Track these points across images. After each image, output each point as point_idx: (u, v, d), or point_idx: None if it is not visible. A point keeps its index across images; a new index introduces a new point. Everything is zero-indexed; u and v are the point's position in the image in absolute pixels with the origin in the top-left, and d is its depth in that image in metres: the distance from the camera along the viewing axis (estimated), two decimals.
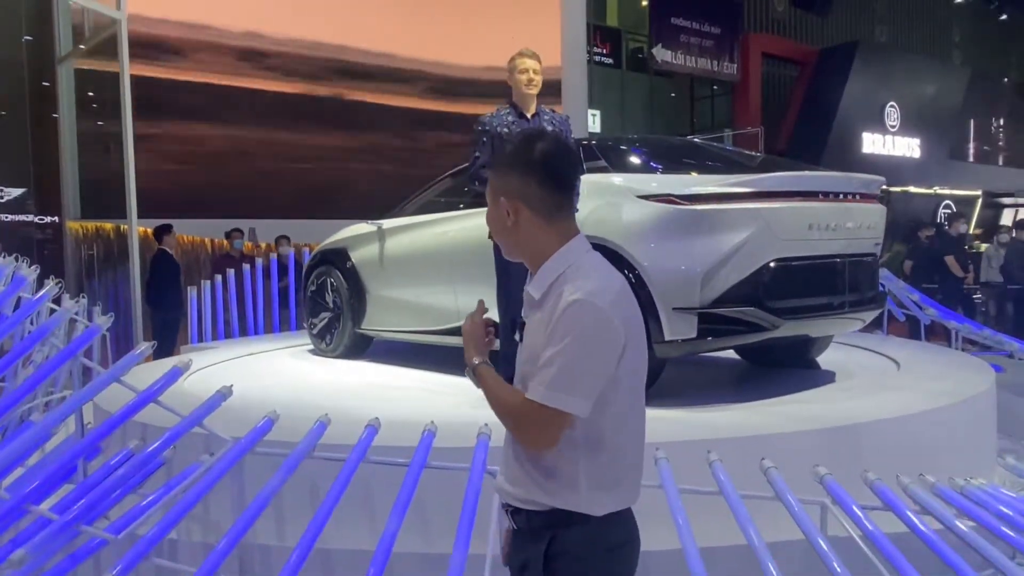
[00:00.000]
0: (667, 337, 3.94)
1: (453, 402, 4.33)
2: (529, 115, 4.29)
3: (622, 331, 1.58)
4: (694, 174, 4.30)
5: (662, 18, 16.68)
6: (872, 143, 19.07)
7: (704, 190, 4.03)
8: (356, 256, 6.05)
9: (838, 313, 4.35)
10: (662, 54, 16.63)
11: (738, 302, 3.95)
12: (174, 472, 3.27)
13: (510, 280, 4.23)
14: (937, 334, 8.42)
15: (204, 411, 3.06)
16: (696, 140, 5.86)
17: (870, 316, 4.68)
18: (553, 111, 4.41)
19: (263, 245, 9.45)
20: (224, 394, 3.15)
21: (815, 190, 4.25)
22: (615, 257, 4.11)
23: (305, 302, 6.55)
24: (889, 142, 19.49)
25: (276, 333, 8.05)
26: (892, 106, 19.44)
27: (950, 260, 10.04)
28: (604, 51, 17.06)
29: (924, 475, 3.10)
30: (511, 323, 4.31)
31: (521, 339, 1.70)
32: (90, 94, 9.39)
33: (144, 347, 3.21)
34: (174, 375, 3.14)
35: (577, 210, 4.30)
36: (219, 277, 7.77)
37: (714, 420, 3.69)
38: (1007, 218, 21.11)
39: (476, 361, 1.73)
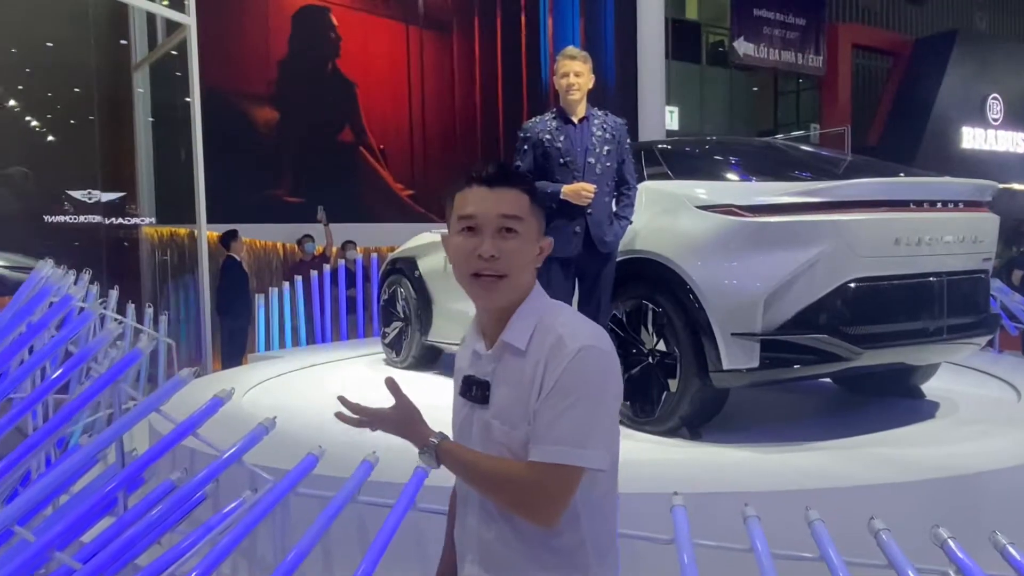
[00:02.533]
0: (725, 366, 3.53)
1: None
2: (576, 120, 3.91)
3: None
4: (762, 181, 3.85)
5: (744, 10, 16.00)
6: (972, 138, 17.90)
7: (771, 200, 3.59)
8: (423, 265, 5.88)
9: (936, 339, 3.80)
10: (744, 47, 15.97)
11: (808, 328, 3.50)
12: (218, 506, 3.08)
13: (553, 297, 3.89)
14: None
15: (244, 446, 2.84)
16: (775, 141, 5.37)
17: (980, 342, 4.11)
18: (607, 114, 4.00)
19: (334, 251, 9.35)
20: (266, 427, 2.91)
21: (905, 199, 3.71)
22: (669, 274, 3.73)
23: (379, 311, 6.43)
24: (991, 136, 18.26)
25: (344, 341, 7.93)
26: (995, 98, 18.20)
27: None
28: (683, 46, 16.48)
29: None
30: None
31: (482, 399, 1.48)
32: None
33: (187, 373, 3.00)
34: (214, 406, 2.93)
35: (631, 222, 4.00)
36: (287, 284, 7.69)
37: (806, 464, 3.26)
38: None
39: (433, 440, 1.46)
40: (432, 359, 5.98)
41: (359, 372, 6.05)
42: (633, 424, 3.98)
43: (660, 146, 4.59)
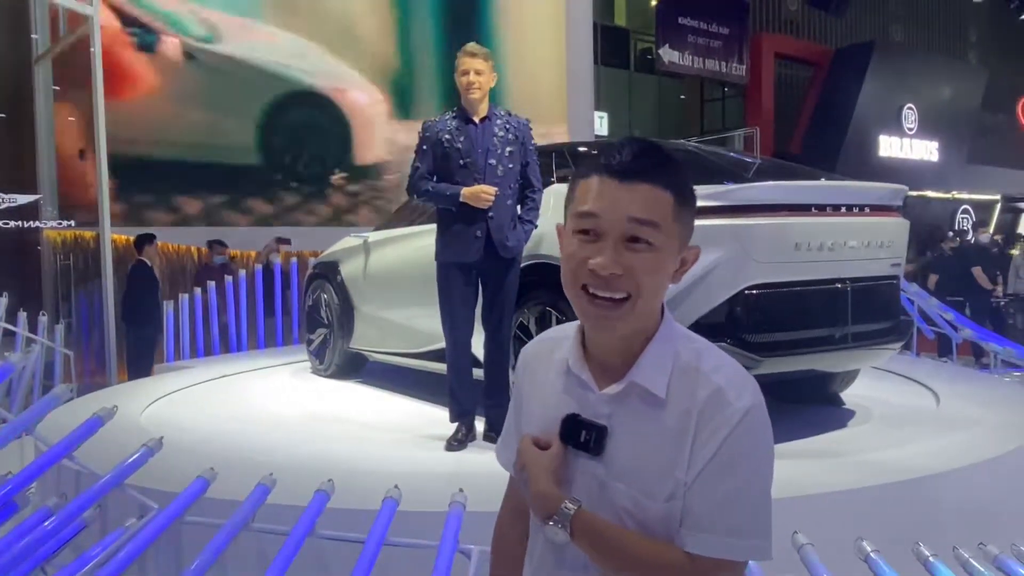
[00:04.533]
0: None
1: (428, 446, 3.87)
2: (477, 120, 3.77)
3: None
4: None
5: (669, 18, 16.14)
6: (889, 146, 18.45)
7: None
8: (345, 270, 5.70)
9: (842, 347, 3.74)
10: (669, 55, 16.10)
11: (707, 335, 3.35)
12: (100, 535, 2.81)
13: (454, 303, 3.76)
14: (965, 348, 7.89)
15: (126, 469, 2.58)
16: (688, 145, 5.33)
17: (891, 348, 4.06)
18: (510, 114, 3.88)
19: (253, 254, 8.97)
20: (151, 448, 2.66)
21: (807, 203, 3.62)
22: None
23: (304, 317, 6.22)
24: (907, 145, 18.87)
25: (261, 349, 7.59)
26: (910, 108, 18.80)
27: (977, 271, 9.48)
28: (611, 52, 16.55)
29: (984, 544, 2.60)
30: (460, 353, 3.83)
31: (596, 448, 1.14)
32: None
33: (63, 390, 2.73)
34: (92, 426, 2.66)
35: (536, 226, 3.81)
36: (199, 290, 7.30)
37: None
38: None
39: (570, 507, 1.10)
40: (357, 367, 5.78)
41: (277, 382, 5.79)
42: None
43: (571, 149, 4.47)
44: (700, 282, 3.38)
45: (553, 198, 3.89)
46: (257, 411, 4.81)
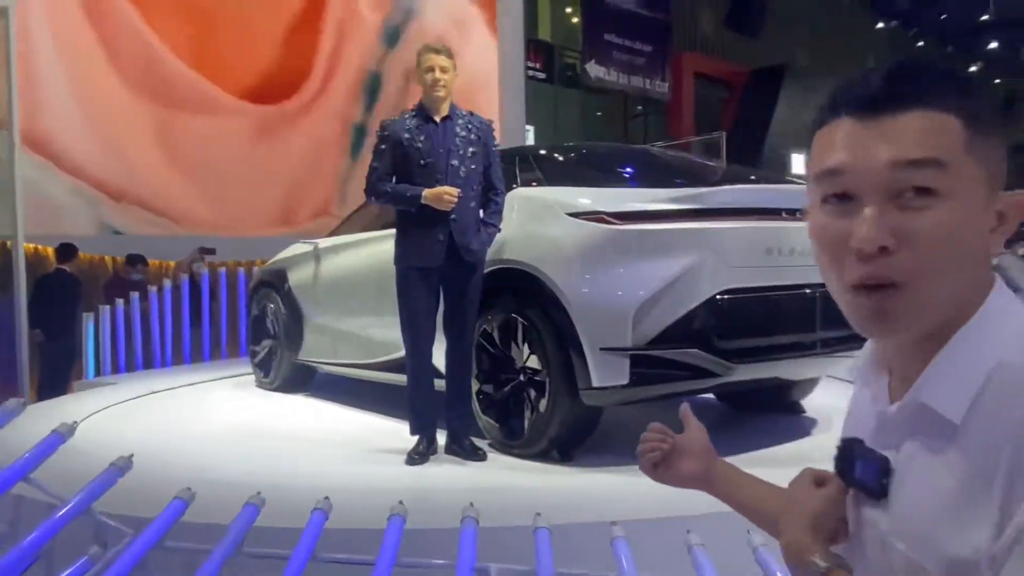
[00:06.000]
0: (595, 383, 3.31)
1: (388, 460, 3.69)
2: (438, 119, 3.65)
3: None
4: (635, 187, 3.66)
5: (595, 34, 16.39)
6: (802, 164, 19.15)
7: (640, 207, 3.40)
8: (293, 278, 5.45)
9: (812, 353, 3.70)
10: (595, 70, 16.34)
11: (678, 342, 3.31)
12: (52, 569, 2.49)
13: (415, 311, 3.61)
14: None
15: (93, 492, 2.30)
16: (654, 149, 5.33)
17: (856, 354, 4.10)
18: (472, 113, 3.76)
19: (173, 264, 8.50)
20: (120, 468, 2.39)
21: (778, 207, 3.60)
22: (537, 286, 3.51)
23: (249, 328, 5.99)
24: None
25: (187, 364, 7.16)
26: None
27: None
28: (537, 66, 16.63)
29: None
30: (421, 364, 3.68)
31: (876, 489, 0.83)
32: None
33: (14, 403, 2.43)
34: (52, 444, 2.37)
35: (499, 229, 3.66)
36: (120, 301, 6.83)
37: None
38: None
39: (820, 564, 0.84)
40: (304, 380, 5.52)
41: (216, 397, 5.47)
42: (503, 448, 3.75)
43: (535, 152, 4.40)
44: (673, 285, 3.32)
45: (516, 202, 3.78)
46: (209, 428, 4.50)
